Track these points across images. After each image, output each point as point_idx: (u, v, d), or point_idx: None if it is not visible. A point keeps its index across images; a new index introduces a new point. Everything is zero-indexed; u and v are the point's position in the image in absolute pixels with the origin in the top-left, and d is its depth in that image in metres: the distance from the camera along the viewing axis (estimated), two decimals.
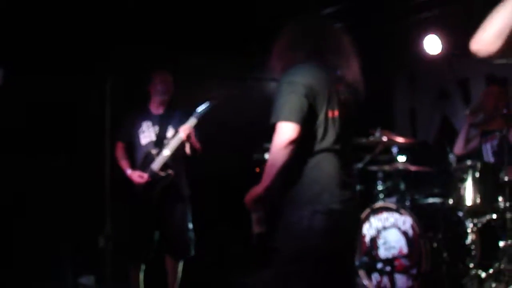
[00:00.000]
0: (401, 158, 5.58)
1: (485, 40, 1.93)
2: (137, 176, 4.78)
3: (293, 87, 2.76)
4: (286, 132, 2.71)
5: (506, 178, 4.60)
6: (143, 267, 4.87)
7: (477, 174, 4.78)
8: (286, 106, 2.75)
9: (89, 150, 5.04)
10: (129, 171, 4.84)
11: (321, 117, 2.80)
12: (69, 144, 5.33)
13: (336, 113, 2.86)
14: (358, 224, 3.21)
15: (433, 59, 6.64)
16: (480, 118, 5.52)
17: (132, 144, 4.98)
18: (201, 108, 4.77)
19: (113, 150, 4.71)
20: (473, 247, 4.70)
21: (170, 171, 4.81)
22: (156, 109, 5.03)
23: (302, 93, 2.74)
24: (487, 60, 2.02)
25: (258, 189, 2.81)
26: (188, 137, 4.72)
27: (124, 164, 4.90)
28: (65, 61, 5.23)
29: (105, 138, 4.25)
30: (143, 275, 4.88)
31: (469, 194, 4.78)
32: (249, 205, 2.88)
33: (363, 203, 5.57)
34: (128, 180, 4.81)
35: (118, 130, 4.95)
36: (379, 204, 5.35)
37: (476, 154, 5.42)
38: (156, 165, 4.78)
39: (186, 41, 5.86)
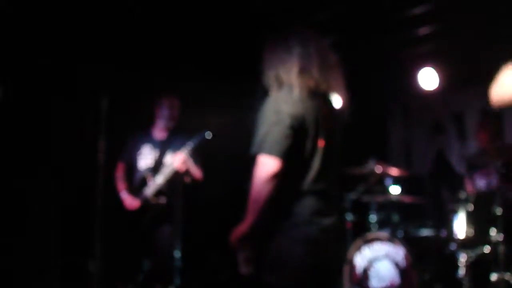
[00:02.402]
0: (395, 189, 5.58)
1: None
2: (129, 201, 4.76)
3: (278, 117, 2.65)
4: (267, 166, 2.59)
5: (499, 212, 4.60)
6: None
7: (470, 207, 4.78)
8: (269, 138, 2.62)
9: (81, 172, 5.01)
10: (123, 194, 4.81)
11: (308, 147, 2.70)
12: (61, 165, 5.29)
13: (322, 142, 2.76)
14: (340, 253, 3.11)
15: (428, 93, 6.69)
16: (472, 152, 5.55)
17: (132, 167, 4.94)
18: (196, 138, 4.68)
19: (106, 173, 4.65)
20: (465, 280, 4.67)
21: (161, 199, 4.76)
22: (159, 133, 4.97)
23: (287, 125, 2.62)
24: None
25: (242, 227, 2.67)
26: (183, 166, 4.63)
27: (120, 185, 4.87)
28: (62, 81, 5.23)
29: (99, 160, 4.25)
30: None
31: (461, 226, 4.77)
32: (235, 244, 2.72)
33: (356, 234, 5.56)
34: (121, 202, 4.78)
35: (121, 151, 4.96)
36: (372, 234, 5.32)
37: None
38: (149, 191, 4.73)
39: (185, 66, 5.88)
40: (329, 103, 2.91)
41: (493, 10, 5.40)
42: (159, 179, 4.71)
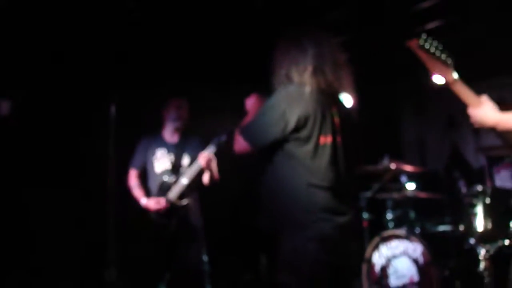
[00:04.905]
0: (410, 186, 5.53)
1: None
2: (154, 203, 4.59)
3: (274, 111, 2.74)
4: (240, 146, 2.86)
5: None
6: None
7: (488, 200, 4.70)
8: (255, 125, 2.81)
9: (92, 181, 4.97)
10: (144, 200, 4.66)
11: (312, 143, 2.74)
12: (72, 175, 5.28)
13: (329, 138, 2.79)
14: (356, 251, 3.12)
15: (440, 87, 6.62)
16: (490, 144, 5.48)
17: (145, 172, 4.85)
18: (220, 137, 4.63)
19: (117, 179, 4.59)
20: (485, 274, 4.59)
21: (188, 201, 4.67)
22: (171, 136, 4.91)
23: (279, 122, 2.71)
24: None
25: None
26: (208, 165, 4.58)
27: (138, 193, 4.74)
28: (71, 90, 5.24)
29: (109, 169, 4.23)
30: None
31: (480, 220, 4.68)
32: None
33: (372, 232, 5.51)
34: (139, 210, 4.67)
35: (131, 157, 4.86)
36: (389, 232, 5.26)
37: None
38: (173, 194, 4.62)
39: (195, 72, 5.87)
40: (339, 102, 2.91)
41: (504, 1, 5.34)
42: (184, 181, 4.61)
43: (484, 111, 2.56)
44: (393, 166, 5.40)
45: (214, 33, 5.70)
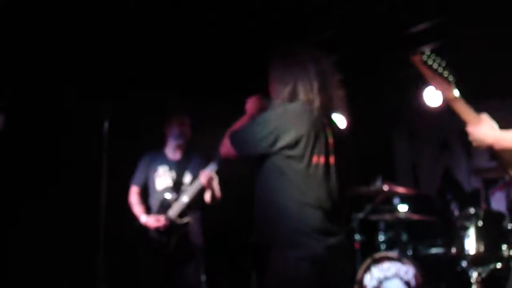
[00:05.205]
0: (403, 208, 5.52)
1: None
2: (154, 221, 4.52)
3: (265, 126, 2.71)
4: (226, 150, 2.89)
5: (510, 226, 4.53)
6: None
7: (480, 223, 4.70)
8: (244, 134, 2.83)
9: (85, 194, 4.94)
10: (143, 218, 4.60)
11: (304, 163, 2.69)
12: (65, 189, 5.25)
13: (322, 159, 2.73)
14: (347, 272, 3.06)
15: (433, 111, 6.65)
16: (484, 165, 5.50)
17: (146, 189, 4.80)
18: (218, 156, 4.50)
19: (110, 194, 4.50)
20: None
21: (188, 219, 4.60)
22: (173, 153, 4.86)
23: (268, 138, 2.67)
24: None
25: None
26: (209, 184, 4.52)
27: (138, 210, 4.68)
28: (65, 103, 5.23)
29: (102, 183, 4.21)
30: None
31: (472, 243, 4.68)
32: None
33: (364, 254, 5.49)
34: (142, 227, 4.59)
35: (133, 174, 4.81)
36: (380, 254, 5.24)
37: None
38: (173, 212, 4.55)
39: (193, 85, 5.87)
40: (333, 122, 2.90)
41: (496, 23, 5.38)
42: (185, 199, 4.55)
43: (483, 129, 2.59)
44: (385, 187, 5.39)
45: (211, 48, 5.71)
